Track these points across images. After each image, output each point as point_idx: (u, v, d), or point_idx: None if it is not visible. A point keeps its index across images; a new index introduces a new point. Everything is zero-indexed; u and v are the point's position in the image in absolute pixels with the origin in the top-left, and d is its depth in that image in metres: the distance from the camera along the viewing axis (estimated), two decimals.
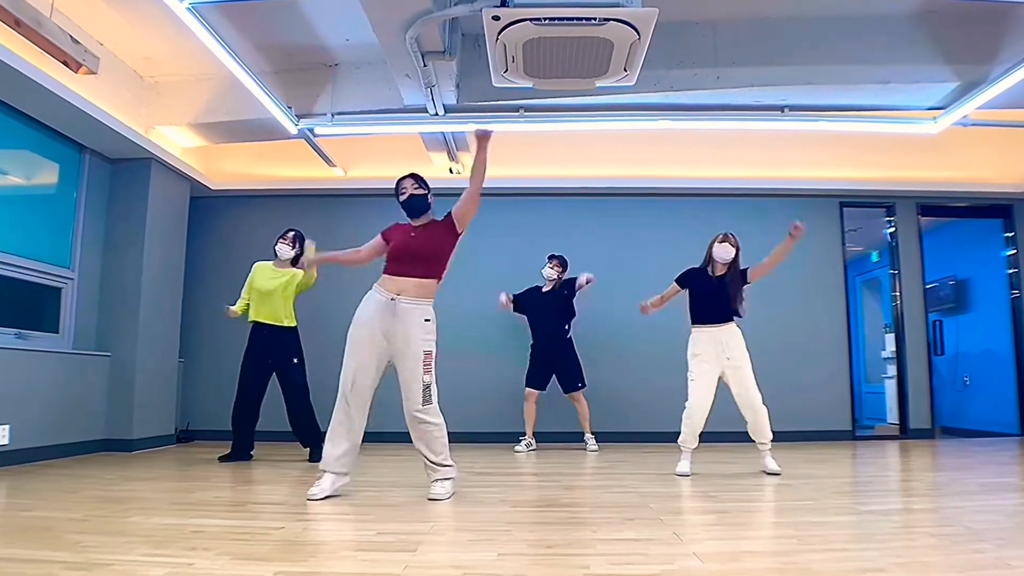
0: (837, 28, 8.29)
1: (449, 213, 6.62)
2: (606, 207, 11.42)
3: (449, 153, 10.56)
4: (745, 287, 7.72)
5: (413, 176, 6.69)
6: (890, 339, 12.69)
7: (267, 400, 8.80)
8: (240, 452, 8.65)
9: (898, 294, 11.76)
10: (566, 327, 9.77)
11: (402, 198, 6.65)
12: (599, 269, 9.74)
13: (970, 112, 8.76)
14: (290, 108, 9.04)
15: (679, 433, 7.50)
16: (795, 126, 9.13)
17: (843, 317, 11.46)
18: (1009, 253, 11.96)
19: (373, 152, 11.25)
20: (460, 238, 6.58)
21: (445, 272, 6.36)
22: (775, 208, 11.36)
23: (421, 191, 6.65)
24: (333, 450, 5.90)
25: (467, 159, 10.97)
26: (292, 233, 8.83)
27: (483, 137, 6.37)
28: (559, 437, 10.09)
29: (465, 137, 10.30)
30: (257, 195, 11.46)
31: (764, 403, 7.50)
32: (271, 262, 8.83)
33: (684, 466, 7.37)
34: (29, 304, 8.63)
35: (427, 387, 5.84)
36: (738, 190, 11.39)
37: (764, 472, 7.38)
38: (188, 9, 6.72)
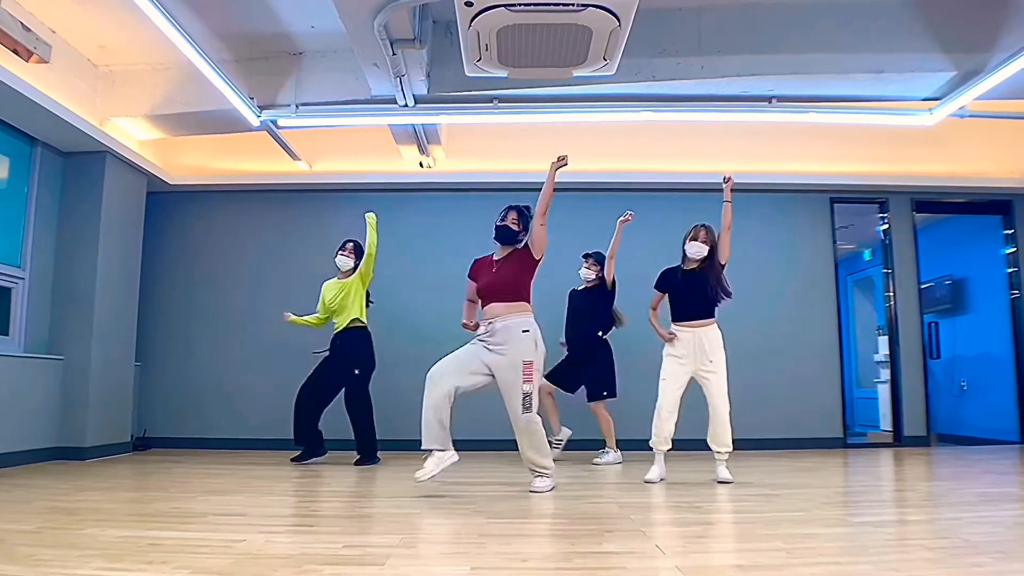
0: (828, 15, 8.31)
1: (526, 244, 7.03)
2: (585, 203, 11.39)
3: (419, 147, 10.49)
4: (723, 271, 7.68)
5: (518, 210, 7.19)
6: (883, 342, 12.75)
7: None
8: (307, 452, 9.14)
9: (892, 294, 11.79)
10: (599, 331, 9.58)
11: (498, 223, 7.07)
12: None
13: (967, 103, 8.81)
14: (252, 99, 9.01)
15: (671, 441, 7.54)
16: (784, 118, 9.18)
17: (834, 318, 11.48)
18: (1008, 251, 12.01)
19: (340, 145, 11.25)
20: (540, 262, 7.04)
21: (530, 294, 6.97)
22: (763, 204, 11.43)
23: (516, 228, 7.07)
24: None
25: (438, 152, 10.97)
26: (351, 244, 9.35)
27: (560, 162, 7.02)
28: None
29: (436, 129, 10.28)
30: (218, 190, 11.42)
31: (731, 414, 7.49)
32: (334, 279, 9.35)
33: (654, 472, 7.42)
34: None
35: (526, 396, 6.51)
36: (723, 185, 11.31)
37: (716, 480, 7.39)
38: None
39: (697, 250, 7.61)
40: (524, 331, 6.60)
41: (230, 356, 11.11)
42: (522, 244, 7.06)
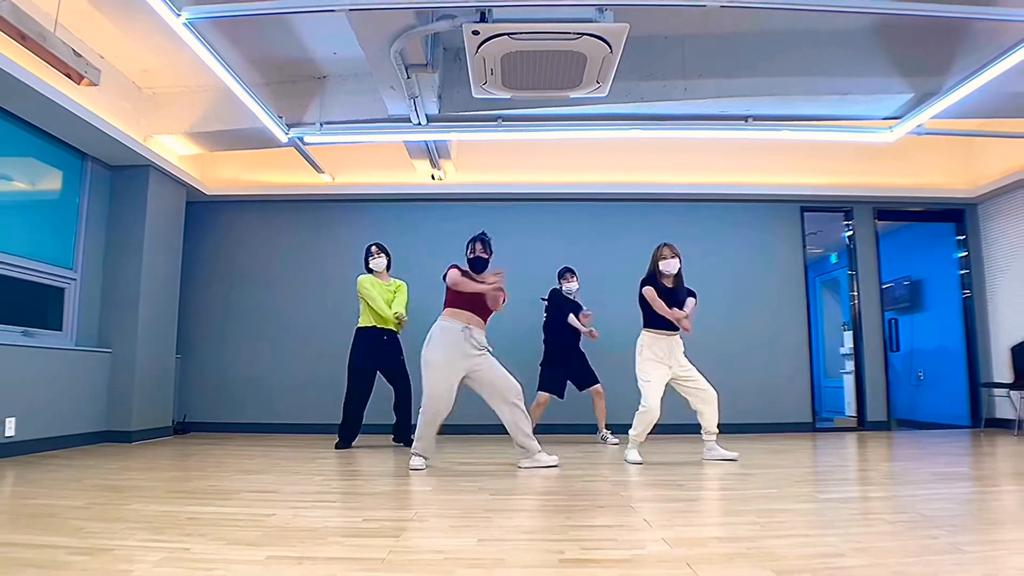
0: (799, 42, 8.33)
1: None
2: (580, 213, 11.44)
3: (432, 161, 10.50)
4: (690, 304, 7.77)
5: (481, 240, 7.36)
6: (848, 336, 12.74)
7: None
8: (350, 440, 8.97)
9: (856, 294, 11.79)
10: (580, 334, 9.63)
11: (470, 256, 7.33)
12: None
13: (924, 121, 8.79)
14: (281, 118, 9.00)
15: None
16: (759, 135, 9.14)
17: (804, 316, 11.47)
18: (961, 255, 11.99)
19: (359, 159, 11.25)
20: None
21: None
22: (740, 213, 11.46)
23: (486, 256, 7.33)
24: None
25: (448, 166, 10.99)
26: (375, 246, 9.26)
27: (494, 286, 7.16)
28: (548, 428, 9.98)
29: (447, 145, 10.30)
30: (250, 200, 11.42)
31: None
32: (371, 276, 9.15)
33: (635, 454, 7.48)
34: (34, 303, 8.59)
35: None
36: (705, 195, 11.39)
37: (722, 460, 7.49)
38: (184, 24, 6.68)
39: (672, 267, 7.65)
40: (488, 346, 7.17)
41: (261, 349, 11.11)
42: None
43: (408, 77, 7.61)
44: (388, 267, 9.28)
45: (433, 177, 11.15)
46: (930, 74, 8.28)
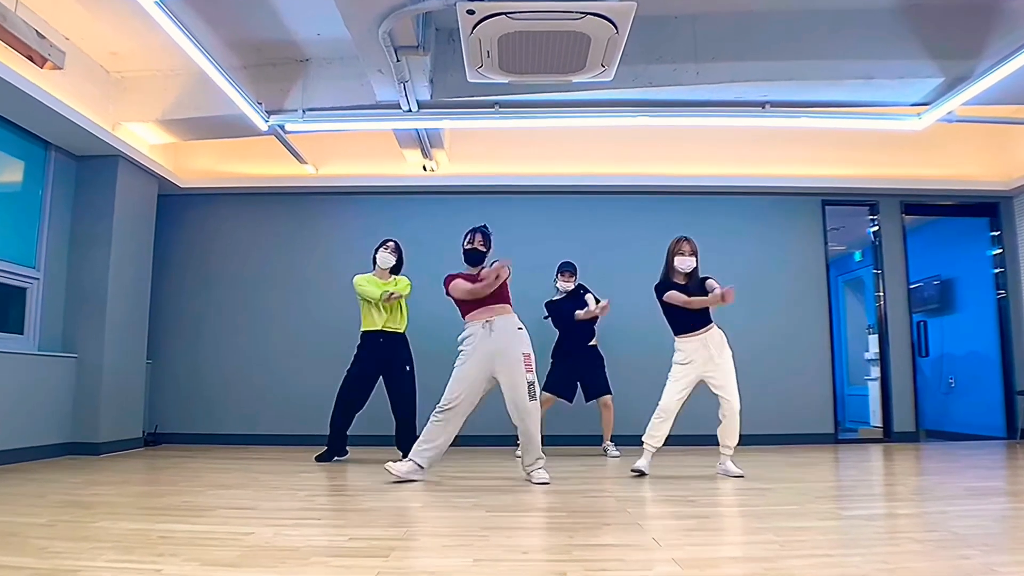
0: (820, 22, 8.31)
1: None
2: (583, 206, 11.46)
3: (423, 150, 10.51)
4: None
5: (482, 232, 7.48)
6: (873, 340, 12.74)
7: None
8: (337, 451, 8.91)
9: (882, 294, 11.79)
10: (590, 340, 9.69)
11: (466, 247, 7.44)
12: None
13: (955, 108, 8.78)
14: (260, 104, 9.01)
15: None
16: (776, 122, 9.16)
17: (825, 318, 11.47)
18: (995, 252, 11.99)
19: (345, 149, 11.26)
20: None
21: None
22: (756, 207, 11.45)
23: (483, 249, 7.42)
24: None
25: (441, 156, 10.98)
26: (393, 243, 9.09)
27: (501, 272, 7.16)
28: (549, 440, 9.93)
29: (439, 134, 10.28)
30: (226, 193, 11.42)
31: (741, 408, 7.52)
32: (370, 273, 9.02)
33: (644, 463, 7.46)
34: None
35: (531, 384, 6.90)
36: (719, 188, 11.40)
37: (726, 475, 7.46)
38: (156, 3, 6.69)
39: (688, 263, 7.61)
40: (519, 328, 7.08)
41: (239, 354, 11.11)
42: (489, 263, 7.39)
43: (397, 60, 7.59)
44: (396, 270, 9.11)
45: (425, 168, 11.14)
46: (962, 57, 8.25)
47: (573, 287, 9.73)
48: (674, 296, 7.51)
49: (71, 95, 8.63)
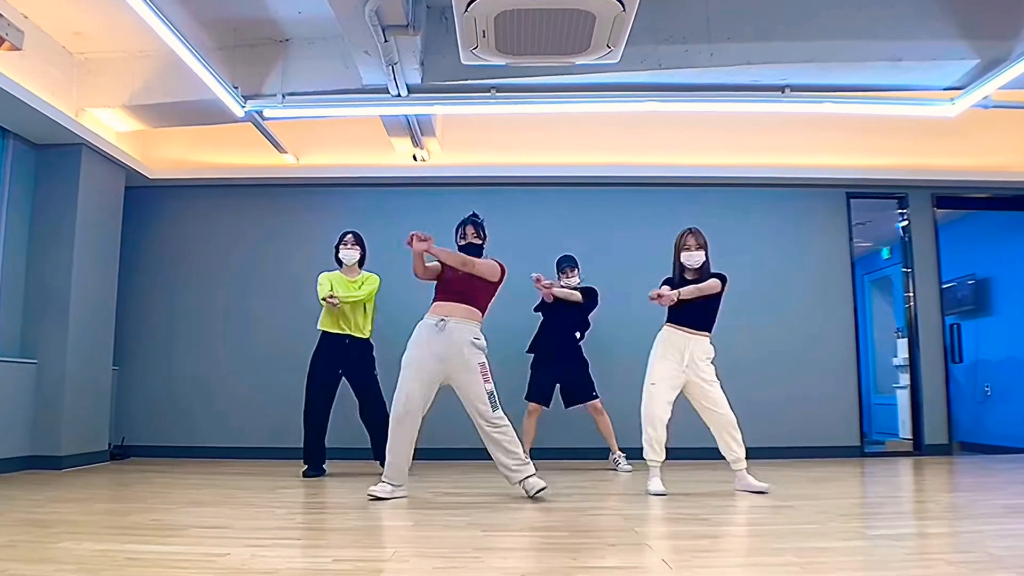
0: None
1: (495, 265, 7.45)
2: (586, 198, 11.46)
3: (413, 139, 10.49)
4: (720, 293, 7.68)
5: (474, 223, 7.67)
6: (902, 345, 12.77)
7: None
8: (317, 463, 8.86)
9: (911, 295, 11.79)
10: (578, 335, 9.63)
11: (461, 243, 7.60)
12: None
13: (992, 92, 8.77)
14: (236, 88, 8.98)
15: (665, 449, 7.53)
16: (797, 108, 9.19)
17: (850, 320, 11.46)
18: None
19: (329, 137, 11.24)
20: (500, 287, 7.46)
21: (486, 312, 7.39)
22: (775, 199, 11.45)
23: (479, 241, 7.61)
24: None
25: (432, 145, 10.97)
26: (351, 235, 9.13)
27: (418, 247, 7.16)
28: (549, 454, 9.95)
29: (431, 120, 10.26)
30: (200, 185, 11.40)
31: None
32: (336, 272, 9.10)
33: (657, 484, 7.37)
34: None
35: (491, 395, 6.94)
36: (734, 179, 11.39)
37: (750, 491, 7.41)
38: None
39: (694, 259, 7.64)
40: (475, 339, 7.06)
41: (214, 360, 11.09)
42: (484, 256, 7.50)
43: (385, 40, 7.57)
44: (361, 263, 9.18)
45: (415, 158, 11.14)
46: (998, 37, 8.23)
47: (578, 282, 9.69)
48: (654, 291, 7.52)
49: (30, 78, 8.60)
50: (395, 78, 8.37)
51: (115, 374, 10.68)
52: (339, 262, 9.11)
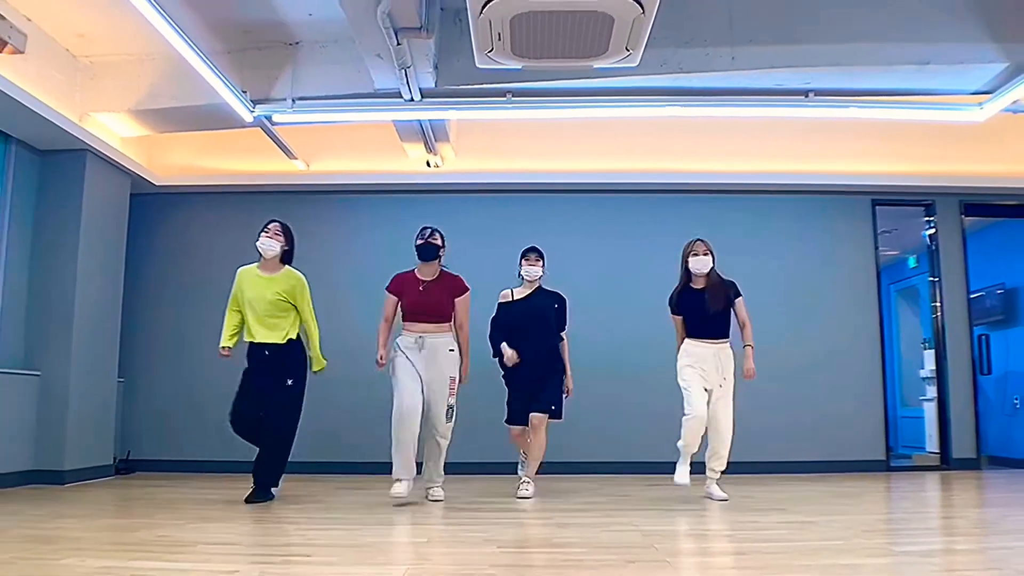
0: (869, 1, 8.29)
1: (459, 286, 8.19)
2: (605, 205, 11.44)
3: (426, 144, 10.45)
4: (734, 304, 8.06)
5: (438, 230, 8.20)
6: (929, 356, 12.72)
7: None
8: (263, 485, 7.95)
9: (939, 305, 11.76)
10: (556, 337, 8.67)
11: (419, 242, 8.08)
12: (595, 275, 9.76)
13: (1021, 97, 8.74)
14: (245, 93, 9.01)
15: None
16: (821, 113, 9.17)
17: (876, 331, 11.44)
18: None
19: (340, 143, 11.27)
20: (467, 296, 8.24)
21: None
22: (799, 206, 11.43)
23: (439, 244, 8.10)
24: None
25: (446, 150, 10.95)
26: (276, 224, 8.39)
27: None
28: (554, 468, 9.95)
29: (444, 126, 10.25)
30: (207, 191, 11.39)
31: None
32: (255, 264, 8.40)
33: (684, 473, 7.72)
34: None
35: (450, 408, 7.77)
36: (757, 186, 11.39)
37: (709, 498, 7.76)
38: None
39: (703, 265, 7.90)
40: (451, 350, 7.95)
41: (221, 372, 10.97)
42: (442, 262, 8.21)
43: (398, 43, 7.58)
44: (287, 259, 8.36)
45: (428, 164, 11.12)
46: None
47: (540, 273, 8.64)
48: (677, 322, 8.13)
49: (33, 82, 8.62)
50: (408, 82, 8.38)
51: (120, 386, 10.69)
52: (259, 252, 8.28)
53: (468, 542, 5.63)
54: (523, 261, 8.67)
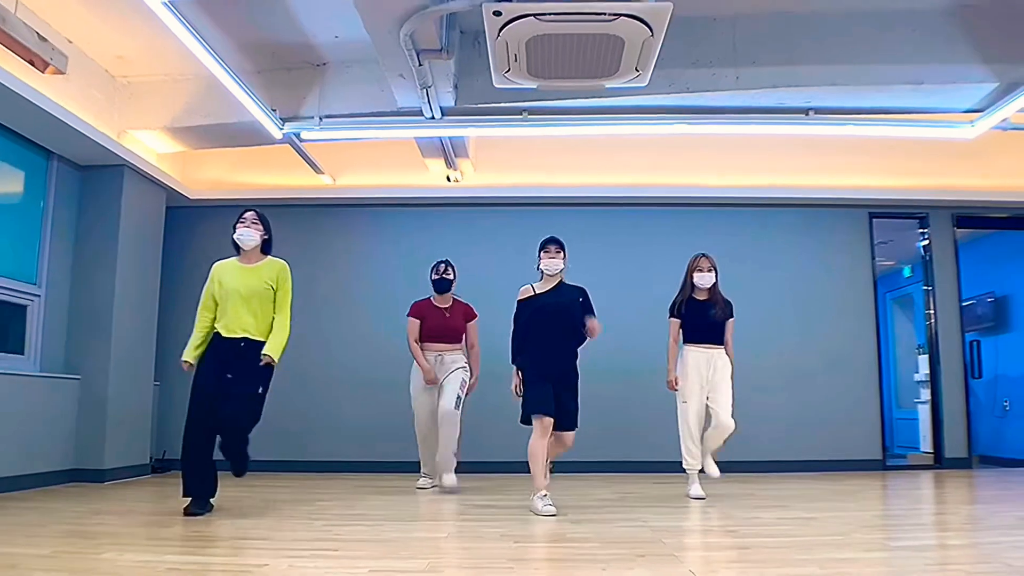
0: (866, 24, 8.28)
1: (471, 313, 9.12)
2: (615, 218, 11.45)
3: (447, 160, 10.52)
4: (730, 322, 8.21)
5: (449, 263, 9.03)
6: (924, 361, 12.69)
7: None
8: (197, 493, 6.90)
9: (932, 312, 11.74)
10: (579, 338, 7.59)
11: (434, 276, 8.94)
12: (607, 285, 9.69)
13: (1010, 115, 8.73)
14: (274, 111, 9.03)
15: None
16: (821, 130, 9.18)
17: (873, 337, 11.43)
18: None
19: (364, 159, 11.27)
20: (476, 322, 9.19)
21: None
22: (799, 219, 11.42)
23: (451, 278, 8.99)
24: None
25: (466, 166, 10.97)
26: (252, 213, 7.42)
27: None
28: (564, 467, 9.95)
29: (464, 142, 10.27)
30: (238, 205, 11.13)
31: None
32: (234, 258, 7.57)
33: (697, 489, 7.78)
34: None
35: (458, 398, 8.53)
36: (759, 199, 11.38)
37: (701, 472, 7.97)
38: (164, 4, 6.71)
39: (707, 280, 8.06)
40: (461, 367, 8.80)
41: None
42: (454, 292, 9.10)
43: (420, 64, 7.59)
44: (267, 249, 7.57)
45: (449, 179, 11.15)
46: (1017, 60, 8.18)
47: (562, 266, 7.71)
48: (674, 325, 8.28)
49: (74, 101, 8.66)
50: (429, 101, 8.38)
51: (156, 389, 10.71)
52: (236, 248, 7.47)
53: (486, 537, 5.64)
54: (542, 254, 7.70)
